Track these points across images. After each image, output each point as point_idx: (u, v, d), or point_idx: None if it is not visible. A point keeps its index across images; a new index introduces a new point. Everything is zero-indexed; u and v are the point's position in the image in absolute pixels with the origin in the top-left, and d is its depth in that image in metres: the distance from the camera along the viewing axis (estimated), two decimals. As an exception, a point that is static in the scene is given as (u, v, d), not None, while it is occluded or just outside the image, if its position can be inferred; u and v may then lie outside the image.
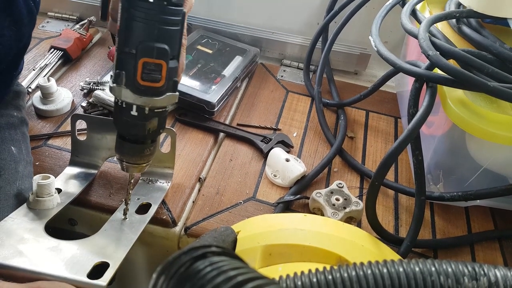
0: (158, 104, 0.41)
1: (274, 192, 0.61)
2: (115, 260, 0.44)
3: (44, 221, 0.49)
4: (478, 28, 0.56)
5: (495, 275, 0.24)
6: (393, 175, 0.66)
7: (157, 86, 0.39)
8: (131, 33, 0.38)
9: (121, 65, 0.39)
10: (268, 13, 0.88)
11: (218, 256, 0.21)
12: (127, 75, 0.39)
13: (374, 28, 0.60)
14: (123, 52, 0.39)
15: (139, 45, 0.38)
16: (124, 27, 0.38)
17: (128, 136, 0.43)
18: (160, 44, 0.38)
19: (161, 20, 0.37)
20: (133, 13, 0.37)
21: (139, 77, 0.39)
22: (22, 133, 0.59)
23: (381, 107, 0.78)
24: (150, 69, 0.38)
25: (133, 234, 0.49)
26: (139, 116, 0.41)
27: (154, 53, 0.38)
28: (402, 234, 0.57)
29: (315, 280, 0.25)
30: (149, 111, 0.41)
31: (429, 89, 0.50)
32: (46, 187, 0.50)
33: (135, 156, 0.44)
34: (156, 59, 0.38)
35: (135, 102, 0.40)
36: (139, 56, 0.38)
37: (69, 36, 0.83)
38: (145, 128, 0.42)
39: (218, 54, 0.82)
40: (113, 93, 0.41)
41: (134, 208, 0.53)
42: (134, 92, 0.39)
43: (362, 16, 0.78)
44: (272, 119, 0.74)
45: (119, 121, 0.43)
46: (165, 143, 0.66)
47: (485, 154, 0.53)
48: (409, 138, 0.48)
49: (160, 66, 0.39)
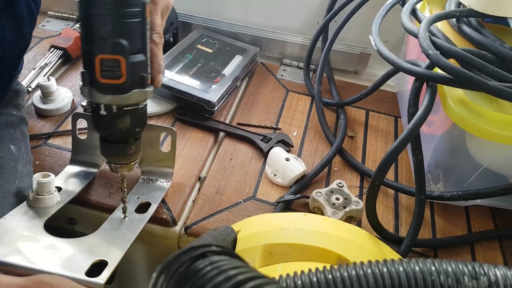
0: (124, 102, 0.39)
1: (274, 192, 0.61)
2: (114, 259, 0.44)
3: (43, 219, 0.49)
4: (478, 27, 0.56)
5: (495, 275, 0.24)
6: (393, 175, 0.66)
7: (118, 83, 0.38)
8: (89, 31, 0.37)
9: (85, 64, 0.39)
10: (268, 13, 0.88)
11: (218, 255, 0.21)
12: (89, 74, 0.38)
13: (374, 28, 0.60)
14: (84, 51, 0.38)
15: (95, 42, 0.37)
16: (82, 25, 0.37)
17: (104, 136, 0.43)
18: (116, 38, 0.36)
19: (116, 14, 0.36)
20: (88, 10, 0.36)
21: (99, 75, 0.38)
22: (21, 131, 0.59)
23: (381, 107, 0.78)
24: (109, 66, 0.37)
25: (132, 233, 0.49)
26: (108, 115, 0.40)
27: (109, 49, 0.37)
28: (402, 233, 0.57)
29: (315, 280, 0.25)
30: (118, 109, 0.40)
31: (429, 89, 0.50)
32: (46, 185, 0.50)
33: (118, 156, 0.44)
34: (113, 55, 0.37)
35: (101, 101, 0.39)
36: (95, 53, 0.37)
37: (69, 35, 0.83)
38: (116, 127, 0.41)
39: (218, 53, 0.82)
40: (82, 94, 0.40)
41: (134, 207, 0.53)
42: (98, 91, 0.39)
43: (362, 16, 0.78)
44: (272, 119, 0.74)
45: (94, 122, 0.42)
46: (166, 143, 0.66)
47: (485, 153, 0.53)
48: (409, 137, 0.48)
49: (118, 61, 0.37)
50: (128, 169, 0.45)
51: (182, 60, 0.78)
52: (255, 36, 0.88)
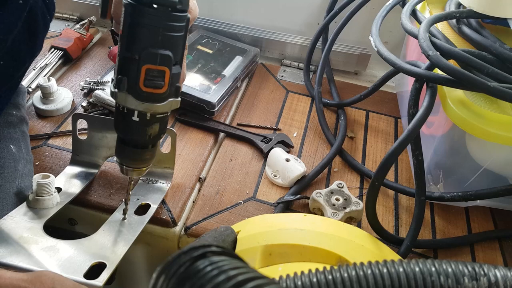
0: (160, 110, 0.40)
1: (274, 192, 0.61)
2: (112, 261, 0.44)
3: (43, 220, 0.49)
4: (478, 28, 0.56)
5: (495, 275, 0.24)
6: (393, 175, 0.66)
7: (159, 93, 0.39)
8: (135, 39, 0.37)
9: (123, 71, 0.39)
10: (269, 13, 0.88)
11: (218, 256, 0.21)
12: (129, 81, 0.38)
13: (374, 28, 0.60)
14: (125, 58, 0.38)
15: (143, 51, 0.37)
16: (127, 33, 0.38)
17: (129, 141, 0.43)
18: (164, 50, 0.37)
19: (165, 27, 0.37)
20: (137, 19, 0.36)
21: (142, 84, 0.38)
22: (21, 131, 0.59)
23: (381, 107, 0.78)
24: (153, 76, 0.38)
25: (131, 235, 0.49)
26: (140, 121, 0.40)
27: (158, 60, 0.38)
28: (402, 234, 0.57)
29: (315, 280, 0.25)
30: (151, 116, 0.40)
31: (429, 89, 0.50)
32: (46, 186, 0.50)
33: (136, 160, 0.44)
34: (160, 66, 0.38)
35: (137, 108, 0.40)
36: (142, 62, 0.37)
37: (69, 36, 0.83)
38: (146, 133, 0.41)
39: (218, 54, 0.82)
40: (114, 99, 0.40)
41: (133, 209, 0.53)
42: (136, 98, 0.39)
43: (362, 16, 0.78)
44: (272, 119, 0.74)
45: (120, 126, 0.42)
46: (165, 144, 0.66)
47: (485, 154, 0.53)
48: (409, 138, 0.48)
49: (163, 72, 0.38)
50: (139, 174, 0.46)
51: (182, 61, 0.78)
52: (255, 36, 0.88)
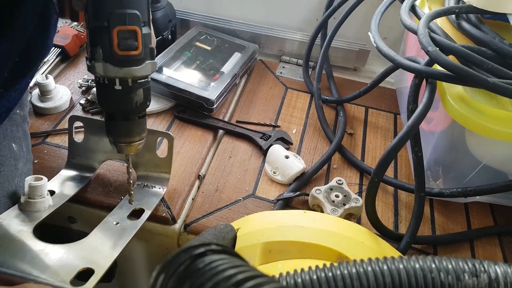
0: (139, 74, 0.40)
1: (273, 189, 0.61)
2: (101, 267, 0.43)
3: (33, 224, 0.47)
4: (478, 23, 0.56)
5: (496, 272, 0.24)
6: (393, 172, 0.66)
7: (135, 54, 0.39)
8: (100, 6, 0.38)
9: (96, 40, 0.39)
10: (267, 9, 0.88)
11: (218, 254, 0.21)
12: (103, 48, 0.39)
13: (373, 24, 0.60)
14: (95, 27, 0.39)
15: (110, 16, 0.37)
16: (91, 2, 0.38)
17: (117, 113, 0.43)
18: (130, 10, 0.38)
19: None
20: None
21: (116, 47, 0.38)
22: (23, 130, 0.59)
23: (381, 104, 0.78)
24: (125, 37, 0.38)
25: (123, 241, 0.47)
26: (123, 89, 0.40)
27: (127, 20, 0.38)
28: (402, 230, 0.57)
29: (315, 277, 0.25)
30: (132, 82, 0.40)
31: (429, 85, 0.49)
32: (38, 189, 0.49)
33: (128, 134, 0.44)
34: (129, 26, 0.38)
35: (117, 75, 0.40)
36: (112, 25, 0.38)
37: (67, 33, 0.82)
38: (132, 101, 0.41)
39: (216, 51, 0.81)
40: (92, 72, 0.40)
41: (127, 213, 0.52)
42: (114, 65, 0.39)
43: (361, 12, 0.78)
44: (271, 116, 0.74)
45: (104, 99, 0.42)
46: (162, 148, 0.64)
47: (484, 150, 0.53)
48: (408, 134, 0.48)
49: (134, 32, 0.38)
50: (135, 149, 0.45)
51: (180, 58, 0.77)
52: (254, 33, 0.88)
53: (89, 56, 0.40)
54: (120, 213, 0.52)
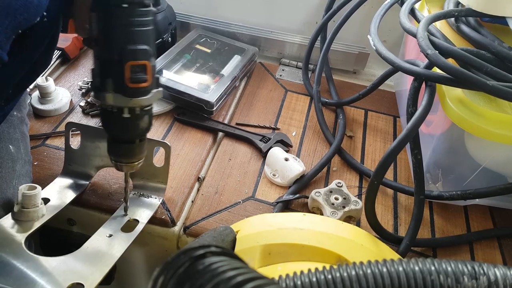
0: (147, 103, 0.43)
1: (273, 192, 0.61)
2: (91, 282, 0.42)
3: (25, 235, 0.46)
4: (477, 27, 0.56)
5: (495, 274, 0.24)
6: (392, 174, 0.66)
7: (145, 86, 0.41)
8: (112, 40, 0.40)
9: (106, 72, 0.41)
10: (267, 12, 0.88)
11: (218, 256, 0.21)
12: (114, 80, 0.41)
13: (372, 27, 0.60)
14: (106, 60, 0.41)
15: (122, 50, 0.39)
16: (103, 35, 0.40)
17: (122, 138, 0.45)
18: (141, 45, 0.40)
19: (136, 23, 0.39)
20: (110, 21, 0.39)
21: (128, 81, 0.40)
22: (21, 132, 0.59)
23: (380, 106, 0.78)
24: (137, 71, 0.40)
25: (115, 254, 0.46)
26: (131, 117, 0.43)
27: (139, 55, 0.40)
28: (401, 233, 0.57)
29: (314, 280, 0.25)
30: (140, 110, 0.43)
31: (428, 88, 0.50)
32: (32, 198, 0.48)
33: (129, 155, 0.46)
34: (141, 61, 0.40)
35: (126, 105, 0.42)
36: (124, 60, 0.40)
37: (67, 35, 0.82)
38: (138, 127, 0.44)
39: (216, 53, 0.81)
40: (102, 101, 0.42)
41: (121, 225, 0.51)
42: (125, 96, 0.41)
43: (360, 15, 0.78)
44: (271, 119, 0.74)
45: (111, 126, 0.44)
46: (158, 156, 0.64)
47: (484, 153, 0.53)
48: (408, 137, 0.48)
49: (144, 66, 0.41)
50: (134, 168, 0.47)
51: (180, 60, 0.78)
52: (253, 36, 0.88)
53: (99, 86, 0.41)
54: (114, 224, 0.51)
